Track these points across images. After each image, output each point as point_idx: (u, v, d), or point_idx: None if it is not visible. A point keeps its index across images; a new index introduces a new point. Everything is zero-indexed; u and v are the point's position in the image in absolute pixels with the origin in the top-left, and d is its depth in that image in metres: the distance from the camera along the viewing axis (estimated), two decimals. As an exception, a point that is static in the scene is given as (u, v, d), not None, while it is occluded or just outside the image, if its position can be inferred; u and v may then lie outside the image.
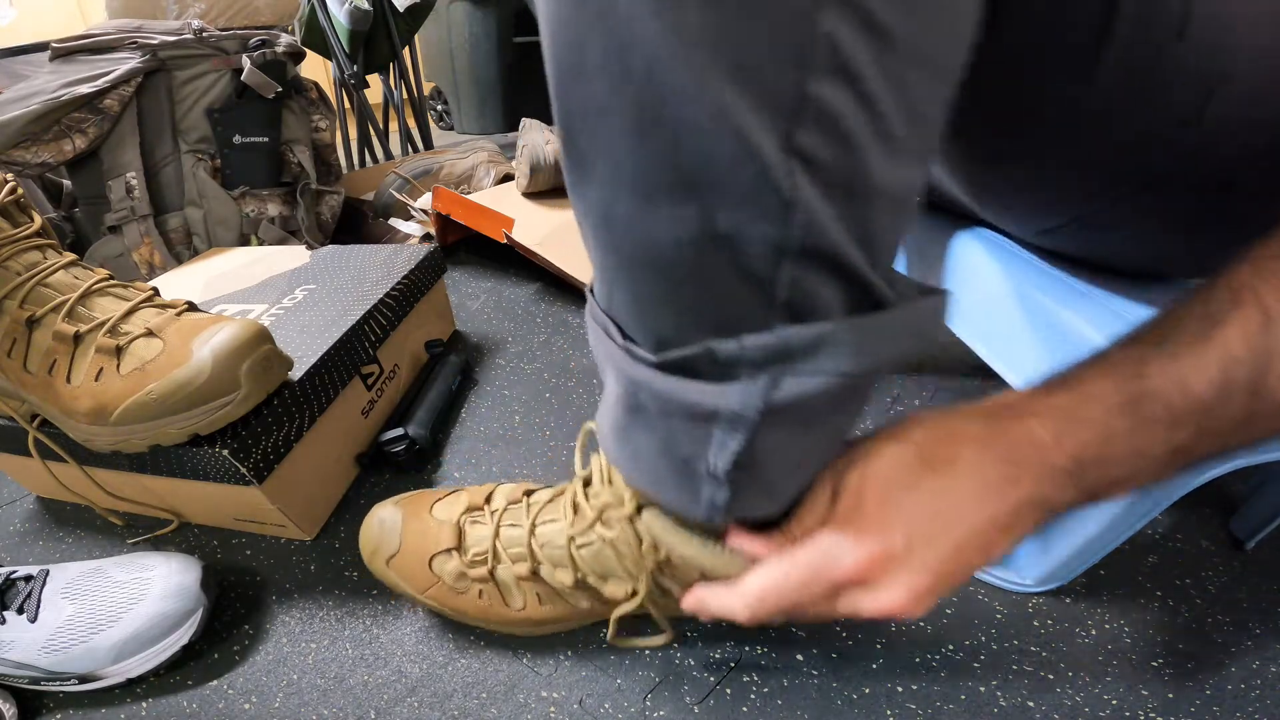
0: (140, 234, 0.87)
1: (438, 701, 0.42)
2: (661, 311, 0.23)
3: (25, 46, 0.97)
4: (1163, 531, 0.51)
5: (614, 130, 0.19)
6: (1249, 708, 0.39)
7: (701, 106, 0.18)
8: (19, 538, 0.57)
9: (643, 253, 0.22)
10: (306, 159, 0.97)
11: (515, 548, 0.41)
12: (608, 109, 0.19)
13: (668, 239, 0.21)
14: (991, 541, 0.26)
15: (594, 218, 0.23)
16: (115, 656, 0.42)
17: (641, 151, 0.19)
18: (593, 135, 0.20)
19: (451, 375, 0.70)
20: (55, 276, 0.44)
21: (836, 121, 0.18)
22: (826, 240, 0.20)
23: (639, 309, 0.24)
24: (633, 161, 0.20)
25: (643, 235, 0.21)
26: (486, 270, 1.02)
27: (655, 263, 0.22)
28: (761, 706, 0.41)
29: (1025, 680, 0.41)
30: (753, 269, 0.21)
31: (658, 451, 0.27)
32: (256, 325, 0.45)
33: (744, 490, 0.27)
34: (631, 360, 0.25)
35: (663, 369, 0.24)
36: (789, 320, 0.22)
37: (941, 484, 0.26)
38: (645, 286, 0.23)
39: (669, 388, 0.24)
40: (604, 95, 0.19)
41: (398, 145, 1.49)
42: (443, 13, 1.98)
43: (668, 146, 0.19)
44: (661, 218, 0.20)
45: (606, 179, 0.21)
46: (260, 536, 0.55)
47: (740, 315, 0.22)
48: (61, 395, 0.44)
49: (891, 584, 0.26)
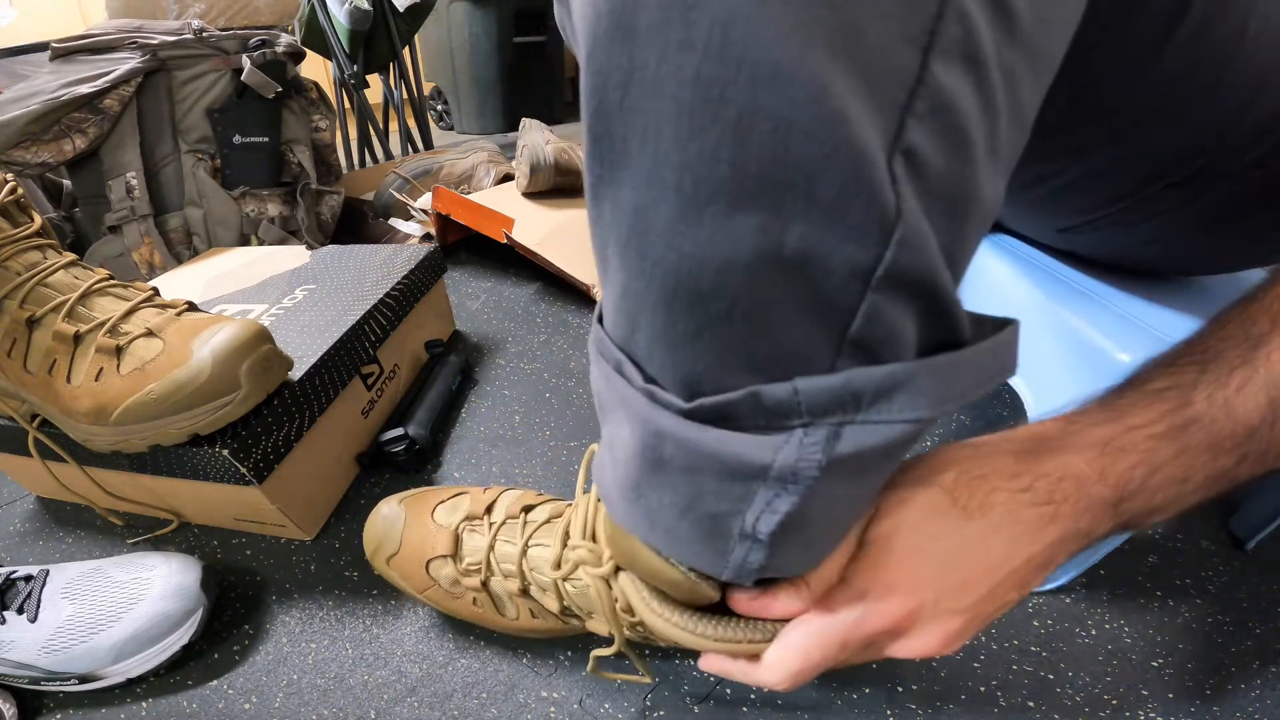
0: (140, 234, 0.87)
1: (438, 701, 0.42)
2: (698, 349, 0.19)
3: (25, 46, 0.97)
4: (1163, 531, 0.51)
5: (664, 113, 0.15)
6: (1249, 708, 0.39)
7: (790, 85, 0.14)
8: (19, 538, 0.57)
9: (685, 275, 0.17)
10: (306, 159, 0.97)
11: (507, 564, 0.41)
12: (659, 84, 0.15)
13: (719, 258, 0.16)
14: (1027, 579, 0.25)
15: (623, 227, 0.18)
16: (115, 656, 0.42)
17: (698, 142, 0.15)
18: (633, 118, 0.15)
19: (451, 375, 0.70)
20: (55, 276, 0.44)
21: (956, 117, 0.15)
22: (923, 263, 0.16)
23: (669, 345, 0.19)
24: (684, 155, 0.15)
25: (687, 252, 0.16)
26: (486, 270, 1.02)
27: (698, 288, 0.17)
28: (761, 706, 0.41)
29: (1025, 680, 0.41)
30: (827, 299, 0.17)
31: (680, 511, 0.23)
32: (256, 325, 0.45)
33: (782, 550, 0.23)
34: (654, 406, 0.21)
35: (694, 418, 0.20)
36: (859, 360, 0.18)
37: (974, 531, 0.24)
38: (681, 318, 0.18)
39: (703, 440, 0.20)
40: (655, 64, 0.14)
41: (398, 145, 1.49)
42: (443, 13, 1.98)
43: (735, 137, 0.14)
44: (715, 231, 0.16)
45: (645, 177, 0.16)
46: (260, 536, 0.55)
47: (799, 354, 0.18)
48: (61, 395, 0.44)
49: (924, 633, 0.25)
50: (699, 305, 0.17)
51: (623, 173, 0.17)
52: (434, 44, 2.12)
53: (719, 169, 0.15)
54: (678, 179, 0.16)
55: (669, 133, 0.15)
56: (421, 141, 1.46)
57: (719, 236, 0.16)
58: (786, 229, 0.15)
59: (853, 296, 0.17)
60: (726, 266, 0.16)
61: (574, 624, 0.41)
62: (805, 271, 0.16)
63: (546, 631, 0.43)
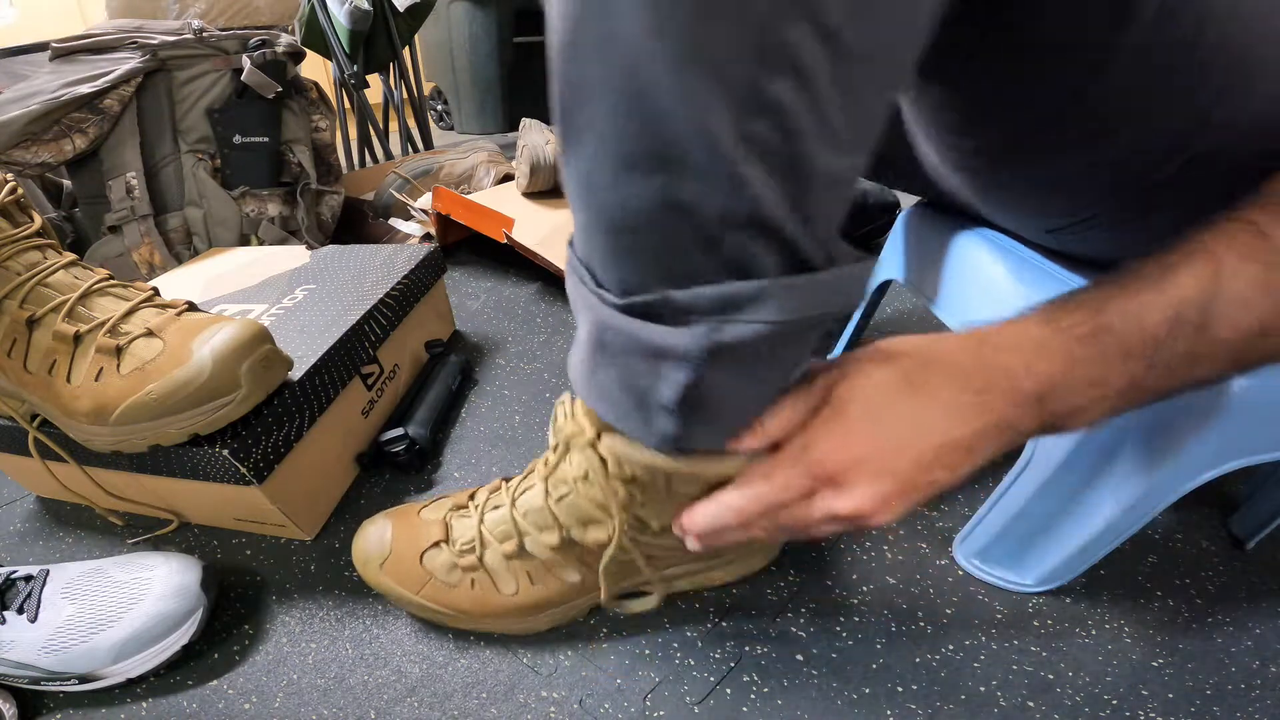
0: (140, 234, 0.87)
1: (438, 701, 0.42)
2: (629, 263, 0.27)
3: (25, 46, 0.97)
4: (1163, 531, 0.51)
5: (600, 109, 0.23)
6: (1249, 708, 0.39)
7: (672, 93, 0.21)
8: (19, 538, 0.57)
9: (617, 214, 0.25)
10: (306, 159, 0.97)
11: (501, 527, 0.43)
12: (596, 89, 0.22)
13: (638, 204, 0.24)
14: (956, 460, 0.29)
15: (577, 183, 0.26)
16: (115, 656, 0.42)
17: (622, 130, 0.23)
18: (582, 111, 0.23)
19: (451, 375, 0.70)
20: (55, 276, 0.44)
21: (783, 114, 0.21)
22: (767, 213, 0.24)
23: (610, 260, 0.27)
24: (615, 139, 0.23)
25: (618, 200, 0.25)
26: (486, 270, 1.02)
27: (626, 223, 0.25)
28: (761, 706, 0.41)
29: (1025, 680, 0.41)
30: (706, 233, 0.24)
31: (619, 386, 0.31)
32: (256, 325, 0.45)
33: (692, 423, 0.30)
34: (601, 303, 0.28)
35: (626, 312, 0.27)
36: (733, 277, 0.25)
37: (918, 404, 0.29)
38: (617, 241, 0.26)
39: (631, 328, 0.28)
40: (594, 77, 0.22)
41: (398, 145, 1.49)
42: (443, 13, 1.98)
43: (643, 127, 0.22)
44: (634, 187, 0.24)
45: (591, 151, 0.24)
46: (260, 536, 0.55)
47: (694, 270, 0.25)
48: (61, 395, 0.44)
49: (861, 487, 0.29)
50: (626, 235, 0.26)
51: (577, 149, 0.24)
52: (434, 44, 2.12)
53: (636, 147, 0.23)
54: (611, 153, 0.23)
55: (603, 124, 0.23)
56: (421, 141, 1.46)
57: (637, 191, 0.24)
58: (679, 187, 0.23)
59: (723, 233, 0.24)
60: (644, 210, 0.24)
61: (572, 580, 0.42)
62: (691, 215, 0.24)
63: (547, 603, 0.43)
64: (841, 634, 0.45)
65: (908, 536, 0.52)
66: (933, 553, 0.50)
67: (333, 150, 1.06)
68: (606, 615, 0.47)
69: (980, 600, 0.46)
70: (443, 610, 0.44)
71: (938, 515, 0.53)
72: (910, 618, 0.46)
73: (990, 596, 0.47)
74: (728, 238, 0.24)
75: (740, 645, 0.44)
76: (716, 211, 0.23)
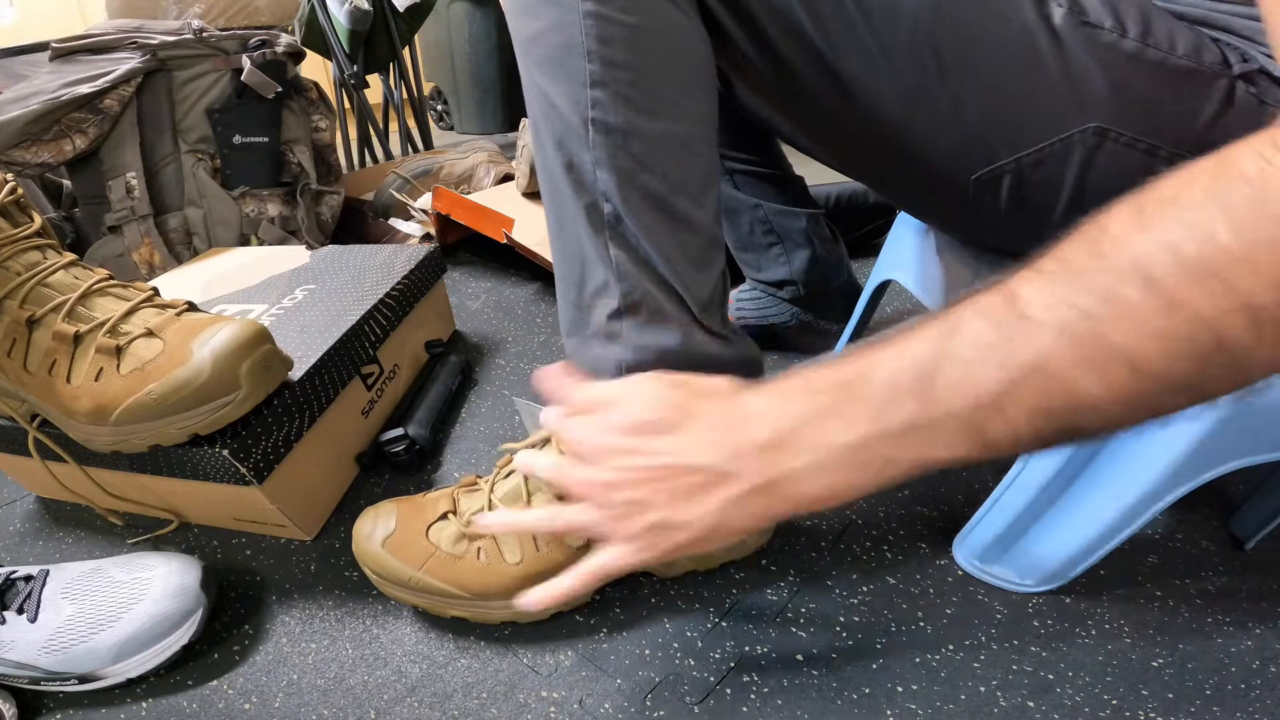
0: (140, 234, 0.87)
1: (438, 701, 0.42)
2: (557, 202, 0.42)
3: (25, 46, 0.97)
4: (1163, 531, 0.51)
5: (534, 108, 0.41)
6: (1249, 708, 0.39)
7: (559, 103, 0.38)
8: (19, 538, 0.57)
9: (548, 175, 0.41)
10: (306, 159, 0.97)
11: (511, 491, 0.44)
12: (533, 96, 0.40)
13: (557, 166, 0.39)
14: (775, 442, 0.29)
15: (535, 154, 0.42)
16: (115, 656, 0.42)
17: (546, 123, 0.39)
18: (531, 110, 0.41)
19: (451, 375, 0.70)
20: (55, 276, 0.44)
21: (609, 127, 0.37)
22: (616, 163, 0.38)
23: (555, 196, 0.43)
24: (546, 126, 0.40)
25: (548, 165, 0.40)
26: (486, 270, 1.02)
27: (556, 179, 0.40)
28: (761, 706, 0.41)
29: (1025, 680, 0.41)
30: (590, 180, 0.38)
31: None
32: (256, 325, 0.45)
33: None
34: None
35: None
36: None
37: (755, 395, 0.31)
38: (549, 188, 0.42)
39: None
40: (534, 88, 0.40)
41: (398, 145, 1.49)
42: (443, 13, 1.98)
43: (551, 121, 0.39)
44: (554, 154, 0.39)
45: (535, 134, 0.41)
46: (260, 536, 0.55)
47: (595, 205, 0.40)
48: (61, 395, 0.44)
49: (690, 437, 0.31)
50: (554, 185, 0.41)
51: (536, 134, 0.41)
52: (434, 44, 2.12)
53: (554, 130, 0.39)
54: (546, 134, 0.40)
55: (537, 112, 0.40)
56: (421, 141, 1.46)
57: (556, 156, 0.39)
58: (572, 154, 0.39)
59: (597, 180, 0.38)
60: (562, 169, 0.39)
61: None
62: (578, 172, 0.39)
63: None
64: (841, 634, 0.45)
65: (908, 537, 0.52)
66: (933, 553, 0.50)
67: (333, 150, 1.06)
68: (606, 615, 0.47)
69: (980, 600, 0.46)
70: (445, 588, 0.44)
71: (938, 515, 0.53)
72: (910, 618, 0.46)
73: (990, 596, 0.47)
74: (598, 178, 0.39)
75: (740, 645, 0.44)
76: (589, 167, 0.38)
